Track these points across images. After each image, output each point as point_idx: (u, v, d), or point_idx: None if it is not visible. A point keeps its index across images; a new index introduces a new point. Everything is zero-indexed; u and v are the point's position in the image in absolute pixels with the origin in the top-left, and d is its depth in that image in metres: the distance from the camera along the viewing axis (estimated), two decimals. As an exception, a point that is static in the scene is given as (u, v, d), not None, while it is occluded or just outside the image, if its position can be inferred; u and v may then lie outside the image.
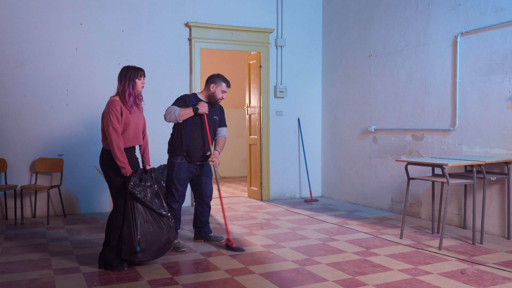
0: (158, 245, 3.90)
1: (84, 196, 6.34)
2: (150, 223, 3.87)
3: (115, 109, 3.78)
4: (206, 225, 4.83)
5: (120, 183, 3.87)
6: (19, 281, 3.63)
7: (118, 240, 3.90)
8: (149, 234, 3.84)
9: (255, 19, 7.27)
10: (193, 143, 4.51)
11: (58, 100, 6.18)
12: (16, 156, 6.01)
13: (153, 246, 3.87)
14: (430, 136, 5.84)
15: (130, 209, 3.82)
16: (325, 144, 7.78)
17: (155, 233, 3.87)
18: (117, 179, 3.86)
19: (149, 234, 3.84)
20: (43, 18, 6.08)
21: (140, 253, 3.81)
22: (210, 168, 4.77)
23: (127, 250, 3.83)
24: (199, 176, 4.68)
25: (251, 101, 7.69)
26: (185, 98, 4.59)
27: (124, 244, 3.84)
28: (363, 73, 6.92)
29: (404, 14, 6.19)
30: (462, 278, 3.66)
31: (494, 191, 5.05)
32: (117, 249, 3.90)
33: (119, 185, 3.87)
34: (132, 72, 3.89)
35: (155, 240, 3.87)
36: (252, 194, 7.66)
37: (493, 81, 5.08)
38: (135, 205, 3.82)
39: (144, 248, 3.82)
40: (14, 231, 5.30)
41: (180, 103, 4.52)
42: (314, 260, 4.14)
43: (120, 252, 3.87)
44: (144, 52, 6.58)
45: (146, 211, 3.87)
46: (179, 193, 4.53)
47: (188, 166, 4.54)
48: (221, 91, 4.60)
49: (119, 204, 3.90)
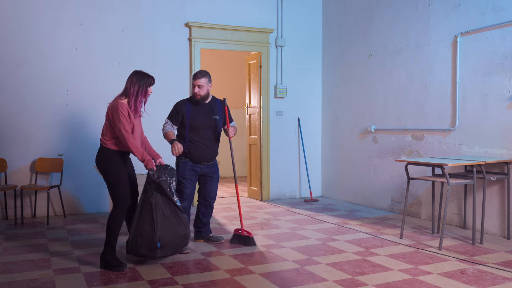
0: (177, 241, 4.02)
1: (84, 196, 6.35)
2: (170, 219, 3.97)
3: (125, 111, 3.82)
4: (206, 225, 4.84)
5: (117, 179, 3.89)
6: (19, 281, 3.63)
7: (136, 236, 3.92)
8: (169, 230, 3.95)
9: (255, 19, 7.27)
10: (193, 147, 4.53)
11: (58, 100, 6.18)
12: (16, 156, 6.01)
13: (172, 242, 3.98)
14: (430, 136, 5.84)
15: (152, 204, 3.90)
16: (325, 144, 7.77)
17: (174, 229, 3.98)
18: (113, 174, 3.89)
19: (168, 230, 3.95)
20: (43, 18, 6.08)
21: (159, 250, 3.91)
22: (217, 169, 4.77)
23: (147, 246, 3.90)
24: (204, 177, 4.69)
25: (251, 101, 7.69)
26: (178, 106, 4.59)
27: (143, 240, 3.89)
28: (363, 73, 6.92)
29: (404, 14, 6.19)
30: (462, 278, 3.66)
31: (494, 191, 5.05)
32: (136, 244, 3.92)
33: (116, 181, 3.89)
34: (147, 80, 3.95)
35: (173, 236, 3.98)
36: (252, 194, 7.66)
37: (493, 81, 5.08)
38: (156, 200, 3.92)
39: (164, 245, 3.92)
40: (14, 231, 5.30)
41: (173, 115, 4.57)
42: (314, 260, 4.15)
43: (140, 248, 3.91)
44: (144, 52, 6.58)
45: (167, 206, 3.97)
46: (188, 191, 4.56)
47: (193, 165, 4.57)
48: (195, 85, 4.54)
49: (118, 201, 3.89)
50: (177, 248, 4.08)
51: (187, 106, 4.57)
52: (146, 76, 3.97)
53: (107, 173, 3.91)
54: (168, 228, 3.95)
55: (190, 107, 4.56)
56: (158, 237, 3.88)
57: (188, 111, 4.54)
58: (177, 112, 4.56)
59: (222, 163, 10.46)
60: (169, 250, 4.01)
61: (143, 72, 3.99)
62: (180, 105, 4.60)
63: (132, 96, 3.88)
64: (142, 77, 3.94)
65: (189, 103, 4.60)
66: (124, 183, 3.91)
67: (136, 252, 3.97)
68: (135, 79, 3.91)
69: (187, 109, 4.54)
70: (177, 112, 4.56)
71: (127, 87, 3.92)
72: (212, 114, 4.63)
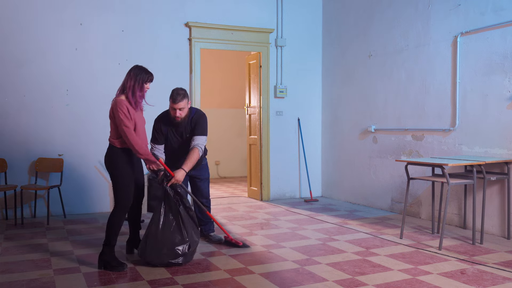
0: (195, 247, 4.07)
1: (84, 196, 6.35)
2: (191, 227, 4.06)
3: (123, 108, 3.82)
4: (207, 224, 4.84)
5: (122, 178, 3.89)
6: (19, 281, 3.63)
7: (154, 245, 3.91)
8: (191, 237, 4.01)
9: (255, 19, 7.27)
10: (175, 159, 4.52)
11: (58, 100, 6.18)
12: (16, 156, 6.01)
13: (192, 248, 4.03)
14: (430, 136, 5.84)
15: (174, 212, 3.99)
16: (325, 144, 7.77)
17: (194, 236, 4.05)
18: (119, 174, 3.89)
19: (191, 237, 4.01)
20: (43, 18, 6.08)
21: (183, 257, 3.94)
22: (204, 171, 4.77)
23: (170, 254, 3.89)
24: (193, 179, 4.73)
25: (251, 101, 7.69)
26: (156, 124, 4.49)
27: (167, 249, 3.89)
28: (363, 73, 6.92)
29: (404, 14, 6.19)
30: (462, 278, 3.66)
31: (494, 191, 5.05)
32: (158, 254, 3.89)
33: (121, 181, 3.88)
34: (144, 76, 3.93)
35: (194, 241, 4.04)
36: (252, 194, 7.66)
37: (493, 81, 5.08)
38: (179, 208, 4.01)
39: (191, 252, 4.00)
40: (14, 231, 5.30)
41: (155, 135, 4.47)
42: (314, 260, 4.15)
43: (164, 257, 3.88)
44: (144, 52, 6.57)
45: (187, 214, 4.06)
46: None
47: None
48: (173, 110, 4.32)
49: (120, 200, 3.89)
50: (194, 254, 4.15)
51: (164, 128, 4.45)
52: (144, 71, 3.95)
53: (113, 171, 3.93)
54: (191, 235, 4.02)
55: (166, 129, 4.45)
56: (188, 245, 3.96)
57: (166, 128, 4.46)
58: (158, 131, 4.45)
59: (222, 163, 10.49)
60: (190, 257, 4.07)
61: (142, 67, 3.97)
62: (157, 121, 4.50)
63: (129, 90, 3.87)
64: (140, 71, 3.93)
65: (165, 123, 4.45)
66: (128, 183, 3.92)
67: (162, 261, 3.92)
68: (132, 74, 3.91)
69: (164, 125, 4.46)
70: (158, 131, 4.45)
71: (124, 81, 3.93)
72: (187, 133, 4.50)
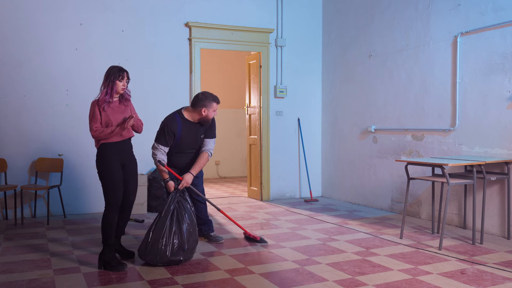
0: (194, 245, 4.14)
1: (84, 196, 6.34)
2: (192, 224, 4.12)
3: (90, 111, 4.01)
4: (207, 223, 4.83)
5: (109, 179, 3.94)
6: (19, 281, 3.63)
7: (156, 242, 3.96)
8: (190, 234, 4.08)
9: (255, 19, 7.27)
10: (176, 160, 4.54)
11: (58, 100, 6.18)
12: (16, 156, 6.01)
13: (192, 246, 4.11)
14: (430, 136, 5.84)
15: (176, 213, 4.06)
16: (325, 144, 7.78)
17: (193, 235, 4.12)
18: (106, 174, 3.96)
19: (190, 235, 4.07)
20: (43, 18, 6.08)
21: (183, 254, 4.00)
22: (200, 172, 4.78)
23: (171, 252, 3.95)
24: None
25: (251, 101, 7.69)
26: (171, 126, 4.35)
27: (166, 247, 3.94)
28: (363, 73, 6.92)
29: (404, 14, 6.19)
30: (462, 278, 3.66)
31: (494, 191, 5.05)
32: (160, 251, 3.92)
33: (108, 181, 3.93)
34: (115, 73, 3.94)
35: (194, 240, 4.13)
36: (252, 194, 7.66)
37: (493, 81, 5.08)
38: (180, 208, 4.09)
39: (191, 249, 4.07)
40: (14, 231, 5.30)
41: (165, 137, 4.34)
42: (314, 260, 4.15)
43: (164, 254, 3.92)
44: (144, 52, 6.57)
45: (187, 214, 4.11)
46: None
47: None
48: (213, 111, 4.43)
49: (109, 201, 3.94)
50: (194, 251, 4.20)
51: (178, 125, 4.38)
52: (116, 69, 3.95)
53: (100, 172, 3.99)
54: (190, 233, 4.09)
55: (181, 127, 4.38)
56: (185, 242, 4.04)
57: (179, 131, 4.38)
58: (170, 133, 4.36)
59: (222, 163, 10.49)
60: (191, 254, 4.13)
61: (114, 66, 3.99)
62: (172, 124, 4.38)
63: (105, 88, 3.95)
64: (111, 71, 3.94)
65: (180, 121, 4.40)
66: (115, 183, 3.94)
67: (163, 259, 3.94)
68: (105, 74, 3.97)
69: (178, 129, 4.38)
70: (170, 133, 4.36)
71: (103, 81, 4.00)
72: (201, 133, 4.51)
